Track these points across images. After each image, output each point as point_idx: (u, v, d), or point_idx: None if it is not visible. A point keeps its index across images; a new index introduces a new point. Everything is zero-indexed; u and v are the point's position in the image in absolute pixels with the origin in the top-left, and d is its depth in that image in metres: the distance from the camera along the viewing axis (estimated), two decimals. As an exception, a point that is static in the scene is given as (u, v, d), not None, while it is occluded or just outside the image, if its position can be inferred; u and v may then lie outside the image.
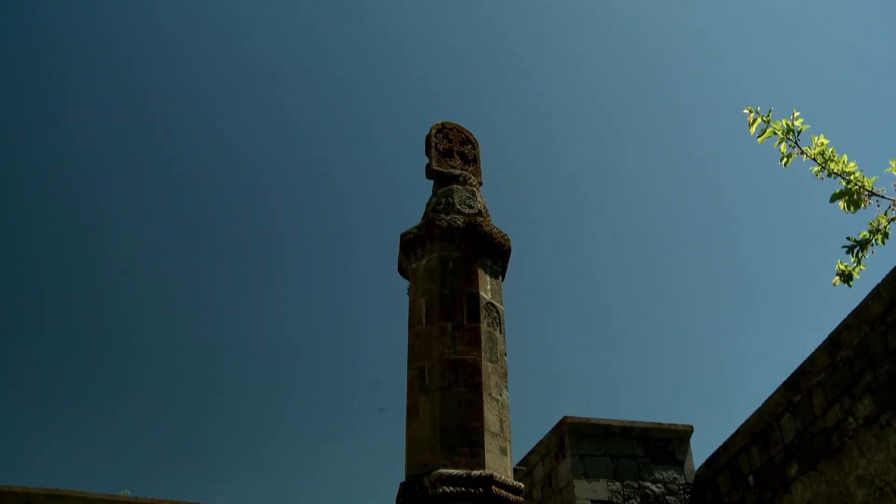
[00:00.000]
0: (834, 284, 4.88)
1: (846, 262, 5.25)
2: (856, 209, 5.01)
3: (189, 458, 41.26)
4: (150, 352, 42.28)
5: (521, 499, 7.21)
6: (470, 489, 6.82)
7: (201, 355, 43.72)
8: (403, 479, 7.29)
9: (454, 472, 6.89)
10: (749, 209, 40.27)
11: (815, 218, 39.13)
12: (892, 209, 5.07)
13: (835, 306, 43.09)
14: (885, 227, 5.10)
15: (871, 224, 5.19)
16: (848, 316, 9.74)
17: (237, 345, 44.30)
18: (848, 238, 5.21)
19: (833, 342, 10.00)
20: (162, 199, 41.62)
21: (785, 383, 10.93)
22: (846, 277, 5.03)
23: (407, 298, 8.45)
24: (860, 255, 5.21)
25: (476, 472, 6.90)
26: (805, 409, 10.55)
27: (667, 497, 12.70)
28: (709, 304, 42.20)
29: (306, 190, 44.87)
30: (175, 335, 42.69)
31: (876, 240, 5.18)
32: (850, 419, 9.61)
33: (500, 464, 7.17)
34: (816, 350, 10.32)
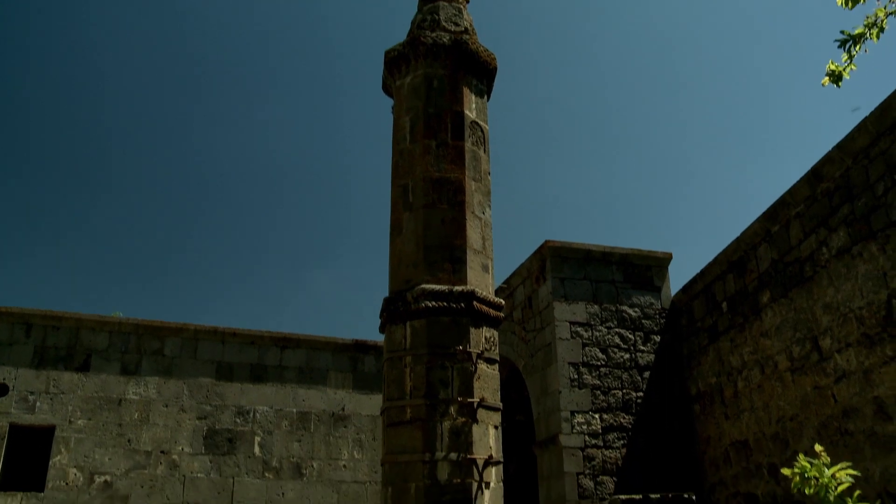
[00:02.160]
0: (823, 84, 4.79)
1: (837, 62, 5.11)
2: (853, 5, 4.84)
3: (176, 282, 42.09)
4: (138, 176, 42.16)
5: (502, 314, 7.44)
6: (452, 304, 7.01)
7: (188, 180, 43.67)
8: (387, 295, 7.48)
9: (437, 287, 7.06)
10: (744, 19, 39.42)
11: (807, 47, 38.38)
12: (892, 2, 4.90)
13: (818, 141, 43.01)
14: (883, 21, 4.95)
15: (867, 18, 5.01)
16: (832, 149, 9.75)
17: (222, 169, 44.17)
18: (842, 32, 5.06)
19: (815, 174, 10.07)
20: (146, 14, 40.15)
21: (764, 214, 11.10)
22: (836, 78, 4.93)
23: (391, 117, 8.35)
24: (852, 51, 5.07)
25: (458, 288, 7.08)
26: (782, 239, 10.76)
27: (643, 321, 13.17)
28: (694, 135, 42.07)
29: (291, 5, 43.34)
30: (161, 159, 42.45)
31: (871, 35, 5.03)
32: (824, 250, 9.82)
33: (482, 280, 7.36)
34: (798, 182, 10.41)
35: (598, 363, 12.57)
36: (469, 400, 6.80)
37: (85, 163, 40.93)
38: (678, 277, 14.00)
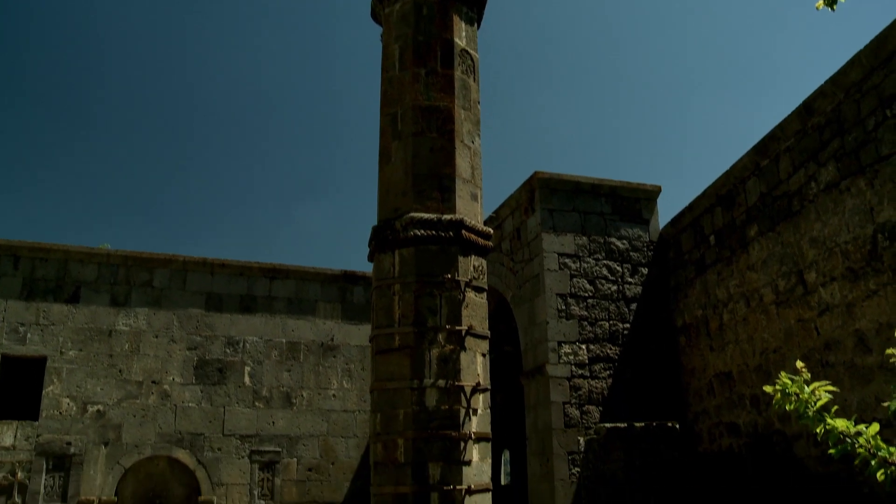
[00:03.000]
0: (817, 8, 4.72)
1: None
2: None
3: (165, 214, 41.97)
4: (126, 108, 41.62)
5: (490, 243, 7.46)
6: (440, 232, 7.02)
7: (176, 113, 43.15)
8: (376, 224, 7.47)
9: (425, 215, 7.05)
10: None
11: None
12: None
13: (811, 75, 42.79)
14: None
15: None
16: (824, 82, 9.69)
17: (211, 101, 43.63)
18: None
19: (806, 108, 10.02)
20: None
21: (754, 147, 11.08)
22: (830, 1, 4.85)
23: (381, 45, 8.22)
24: None
25: (447, 217, 7.07)
26: (771, 173, 10.76)
27: (631, 253, 13.24)
28: (686, 69, 41.69)
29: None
30: (149, 91, 41.84)
31: None
32: (813, 184, 9.84)
33: (471, 209, 7.35)
34: (789, 116, 10.37)
35: (586, 294, 12.68)
36: (457, 328, 6.85)
37: (73, 95, 40.38)
38: (667, 211, 14.06)
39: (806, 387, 2.87)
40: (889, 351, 3.09)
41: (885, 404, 2.86)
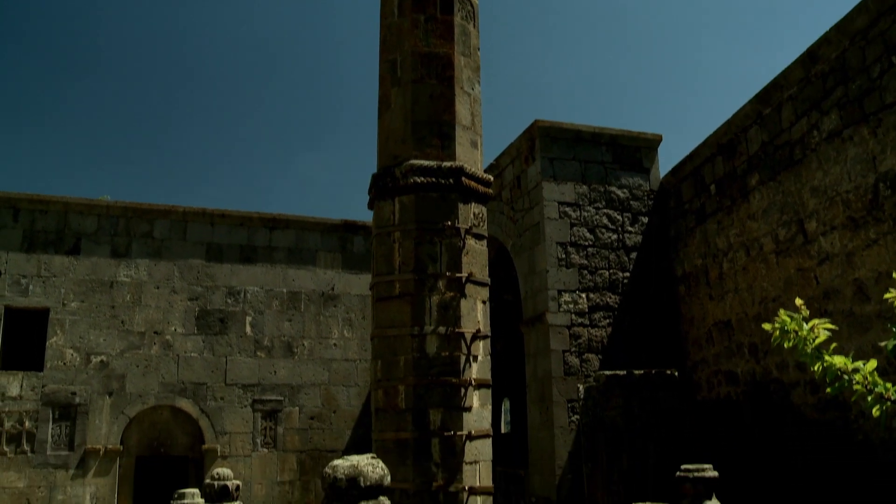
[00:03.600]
0: None
1: None
2: None
3: (163, 165, 41.79)
4: (124, 57, 41.15)
5: (490, 190, 7.44)
6: (440, 179, 7.00)
7: (175, 61, 42.69)
8: (375, 172, 7.45)
9: (425, 162, 7.02)
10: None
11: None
12: None
13: (815, 24, 42.21)
14: None
15: None
16: (829, 29, 9.56)
17: (210, 50, 43.13)
18: None
19: (810, 56, 9.90)
20: None
21: (756, 96, 10.98)
22: None
23: (380, -10, 8.10)
24: None
25: (447, 164, 7.04)
26: (773, 121, 10.69)
27: (631, 202, 13.21)
28: (688, 16, 41.17)
29: None
30: (147, 38, 41.34)
31: None
32: (815, 133, 9.77)
33: (471, 156, 7.31)
34: (792, 64, 10.25)
35: (586, 243, 12.68)
36: (457, 275, 6.87)
37: (70, 43, 39.90)
38: (667, 160, 14.01)
39: (805, 324, 2.88)
40: (888, 294, 3.09)
41: (882, 344, 2.87)
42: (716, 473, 7.65)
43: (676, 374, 10.77)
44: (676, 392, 10.54)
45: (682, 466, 7.75)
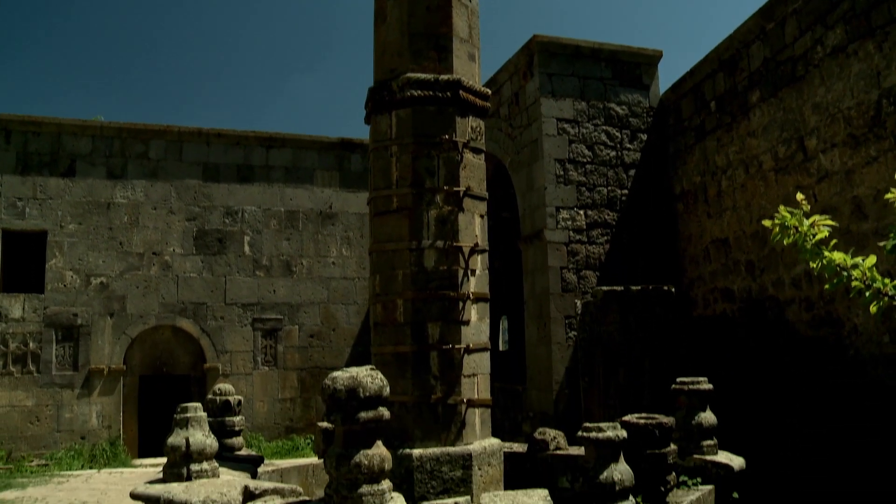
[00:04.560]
0: None
1: None
2: None
3: (157, 85, 41.17)
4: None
5: (488, 104, 7.34)
6: (437, 92, 6.88)
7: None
8: (372, 86, 7.33)
9: (422, 75, 6.89)
10: None
11: None
12: None
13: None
14: None
15: None
16: (838, -62, 9.32)
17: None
18: None
19: (817, -34, 9.68)
20: None
21: (760, 10, 10.76)
22: None
23: None
24: None
25: (444, 77, 6.91)
26: (776, 37, 10.50)
27: (630, 119, 13.09)
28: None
29: None
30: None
31: None
32: (819, 48, 9.61)
33: (468, 69, 7.19)
34: (798, -24, 10.03)
35: (584, 160, 12.61)
36: (455, 189, 6.83)
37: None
38: (668, 76, 13.85)
39: (805, 220, 2.87)
40: (889, 195, 3.07)
41: (882, 244, 2.86)
42: (710, 386, 7.78)
43: (673, 290, 10.84)
44: (673, 308, 10.62)
45: (678, 379, 7.88)
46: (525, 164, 13.06)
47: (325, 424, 7.89)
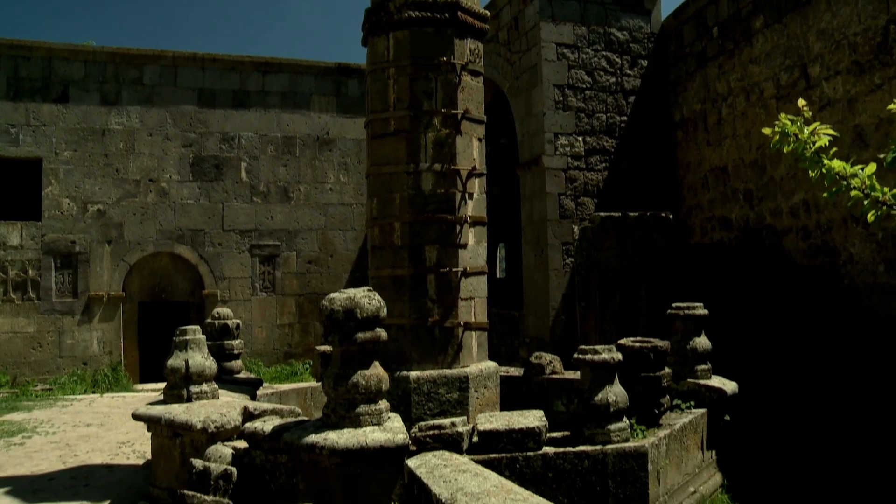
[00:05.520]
0: None
1: None
2: None
3: (149, 7, 40.34)
4: None
5: (487, 26, 7.22)
6: (435, 14, 6.76)
7: None
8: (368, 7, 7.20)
9: (419, -3, 6.77)
10: None
11: None
12: None
13: None
14: None
15: None
16: None
17: None
18: None
19: None
20: None
21: (767, -68, 10.50)
22: None
23: None
24: None
25: (442, -3, 6.80)
26: (782, -40, 10.26)
27: (631, 45, 12.88)
28: None
29: None
30: None
31: None
32: (826, -29, 9.41)
33: (467, -11, 7.05)
34: None
35: (584, 86, 12.46)
36: (453, 111, 6.77)
37: None
38: (670, 1, 13.51)
39: (805, 128, 2.83)
40: (891, 106, 3.03)
41: (881, 156, 2.84)
42: (706, 312, 7.84)
43: (671, 216, 10.84)
44: (670, 235, 10.64)
45: (674, 304, 7.94)
46: (524, 89, 12.90)
47: (323, 348, 7.97)
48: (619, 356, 5.94)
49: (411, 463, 5.06)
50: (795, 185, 9.85)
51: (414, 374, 6.61)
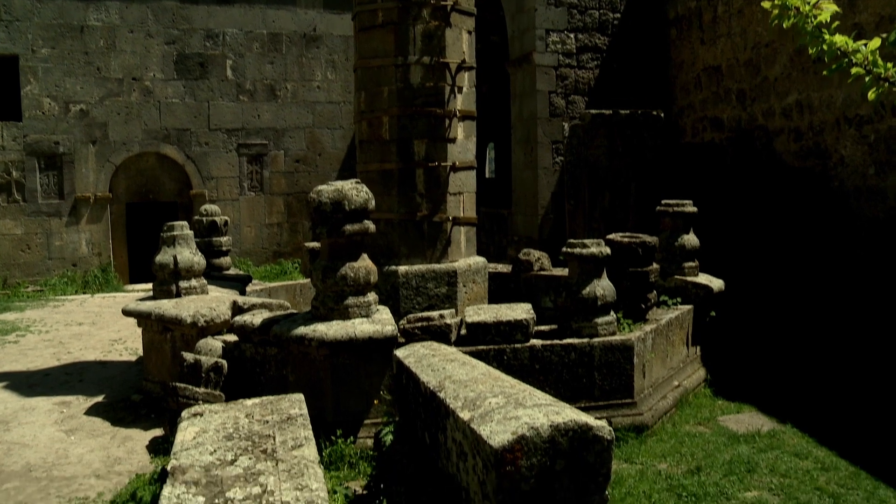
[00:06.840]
0: None
1: None
2: None
3: None
4: None
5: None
6: None
7: None
8: None
9: None
10: None
11: None
12: None
13: None
14: None
15: None
16: None
17: None
18: None
19: None
20: None
21: None
22: None
23: None
24: None
25: None
26: None
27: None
28: None
29: None
30: None
31: None
32: None
33: None
34: None
35: (577, -20, 12.16)
36: (442, 2, 6.59)
37: None
38: None
39: (808, 1, 2.75)
40: None
41: (884, 35, 2.76)
42: (695, 209, 7.85)
43: (662, 115, 10.73)
44: (661, 134, 10.56)
45: (663, 201, 7.93)
46: (515, -16, 12.56)
47: (312, 245, 7.98)
48: (608, 250, 5.96)
49: (400, 353, 5.12)
50: (790, 85, 9.72)
51: (403, 268, 6.64)
